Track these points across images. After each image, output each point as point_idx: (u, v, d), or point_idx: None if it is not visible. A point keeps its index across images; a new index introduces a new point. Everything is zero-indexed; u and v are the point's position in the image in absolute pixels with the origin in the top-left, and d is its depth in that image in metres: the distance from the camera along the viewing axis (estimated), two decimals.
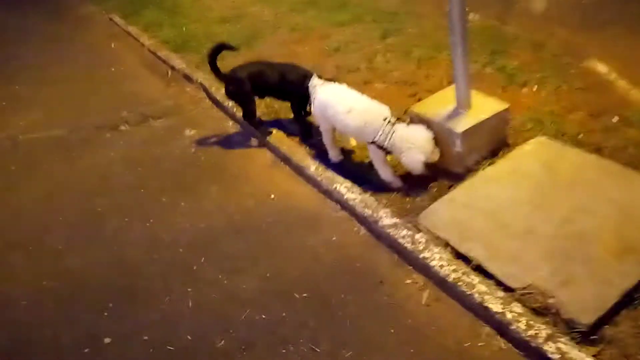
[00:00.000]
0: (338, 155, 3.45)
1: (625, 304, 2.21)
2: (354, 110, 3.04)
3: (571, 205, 2.66)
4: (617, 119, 3.30)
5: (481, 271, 2.47)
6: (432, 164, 3.07)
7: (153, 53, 5.90)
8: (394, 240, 2.72)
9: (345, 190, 3.12)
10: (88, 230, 3.34)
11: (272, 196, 3.38)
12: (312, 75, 3.59)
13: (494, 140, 3.13)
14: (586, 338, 2.12)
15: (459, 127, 2.95)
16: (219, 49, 3.79)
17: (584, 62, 4.03)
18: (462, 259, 2.55)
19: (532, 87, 3.83)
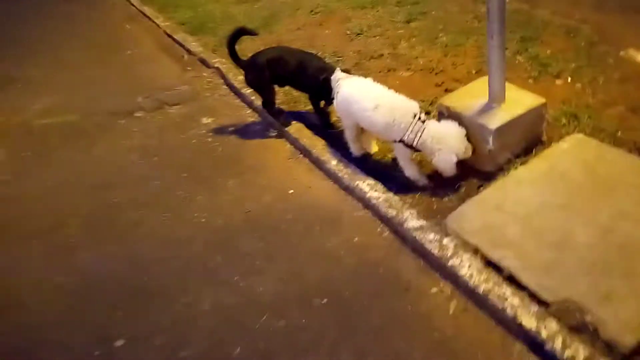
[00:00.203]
0: (360, 149, 3.29)
1: None
2: (381, 106, 2.86)
3: (612, 211, 2.48)
4: None
5: (513, 281, 2.32)
6: (461, 161, 2.90)
7: (169, 35, 5.76)
8: (420, 245, 2.58)
9: (367, 188, 2.98)
10: (102, 223, 3.24)
11: (291, 191, 3.24)
12: (331, 68, 3.42)
13: (527, 137, 2.95)
14: None
15: (492, 123, 2.77)
16: (238, 34, 3.62)
17: (621, 51, 3.80)
18: (493, 266, 2.40)
19: (566, 78, 3.61)
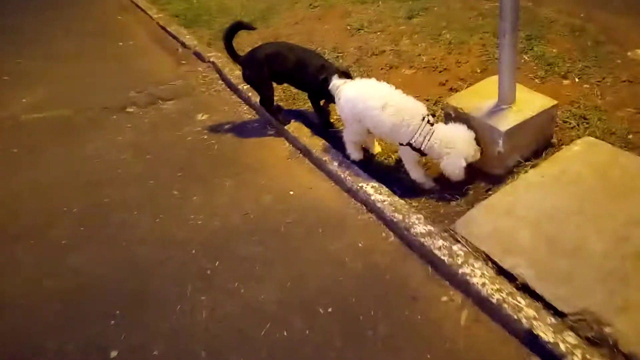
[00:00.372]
0: (360, 154, 3.14)
1: None
2: (389, 105, 2.74)
3: (626, 218, 2.40)
4: None
5: (526, 290, 2.23)
6: (469, 164, 2.80)
7: (162, 28, 5.59)
8: (429, 251, 2.48)
9: (371, 190, 2.87)
10: (94, 224, 3.11)
11: (291, 192, 3.13)
12: (330, 67, 3.31)
13: (538, 139, 2.86)
14: None
15: (502, 125, 2.67)
16: (236, 29, 3.49)
17: (629, 52, 3.72)
18: (505, 274, 2.31)
19: (574, 79, 3.52)
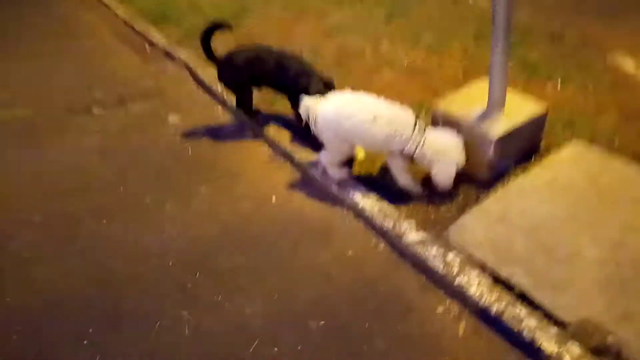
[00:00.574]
0: (344, 173, 2.94)
1: None
2: (379, 117, 2.60)
3: (620, 224, 2.38)
4: None
5: (525, 299, 2.16)
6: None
7: (128, 25, 5.33)
8: (422, 260, 2.38)
9: (359, 196, 2.76)
10: (60, 235, 2.87)
11: (273, 199, 2.98)
12: (311, 72, 3.14)
13: (527, 144, 2.82)
14: None
15: (493, 132, 2.61)
16: (213, 29, 3.32)
17: (608, 57, 3.76)
18: (502, 283, 2.24)
19: (556, 84, 3.52)
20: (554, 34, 4.05)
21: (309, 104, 2.79)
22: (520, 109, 2.74)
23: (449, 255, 2.35)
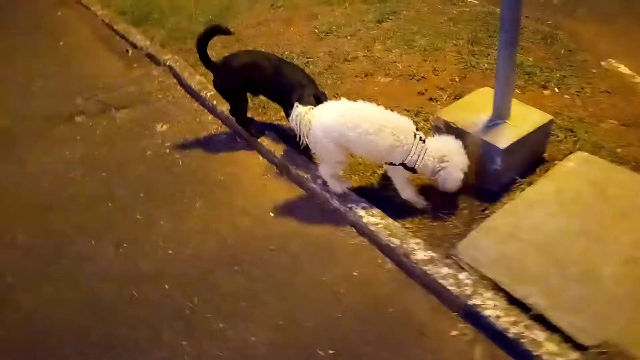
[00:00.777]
0: (344, 185, 2.82)
1: None
2: (384, 127, 2.49)
3: (632, 238, 2.32)
4: None
5: (541, 321, 2.09)
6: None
7: (108, 26, 5.12)
8: (432, 280, 2.29)
9: (362, 211, 2.65)
10: (44, 256, 2.71)
11: (271, 214, 2.86)
12: (307, 87, 2.96)
13: (531, 155, 2.75)
14: None
15: (501, 142, 2.53)
16: (211, 33, 3.14)
17: (602, 62, 3.72)
18: (517, 304, 2.17)
19: (553, 89, 3.47)
20: (546, 36, 3.99)
21: (302, 113, 2.63)
22: (525, 118, 2.67)
23: (460, 275, 2.27)
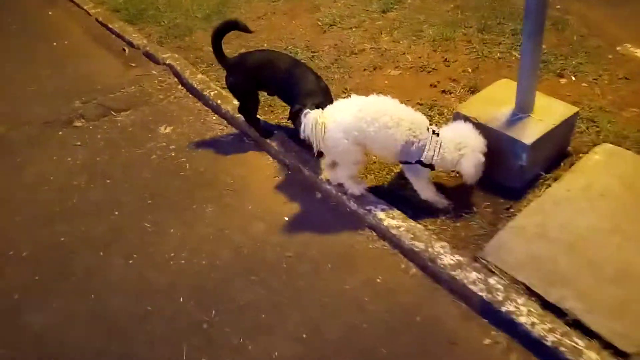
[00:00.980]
0: (362, 185, 2.70)
1: None
2: (403, 120, 2.39)
3: None
4: None
5: (578, 327, 2.00)
6: (484, 178, 2.56)
7: (103, 24, 4.95)
8: (461, 286, 2.20)
9: (382, 214, 2.55)
10: (51, 271, 2.59)
11: (286, 218, 2.75)
12: (315, 96, 2.75)
13: (556, 149, 2.65)
14: None
15: (526, 138, 2.42)
16: (228, 28, 3.00)
17: (618, 47, 3.60)
18: (551, 309, 2.07)
19: (570, 77, 3.36)
20: (557, 22, 3.87)
21: (314, 118, 2.46)
22: (549, 111, 2.56)
23: (491, 280, 2.17)
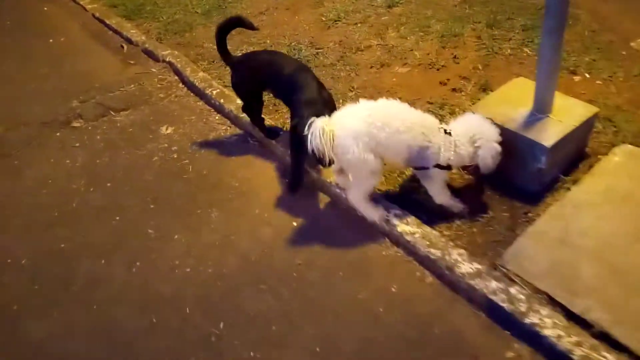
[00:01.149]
0: (381, 210, 2.50)
1: None
2: (415, 125, 2.28)
3: None
4: None
5: (605, 339, 1.92)
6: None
7: (100, 20, 4.83)
8: (481, 296, 2.10)
9: (395, 219, 2.45)
10: (51, 279, 2.50)
11: (294, 223, 2.66)
12: (314, 105, 2.57)
13: (575, 150, 2.55)
14: None
15: (546, 140, 2.32)
16: (232, 25, 2.89)
17: (632, 42, 3.50)
18: (575, 320, 1.99)
19: (584, 74, 3.26)
20: (568, 17, 3.75)
21: (320, 128, 2.28)
22: (568, 111, 2.46)
23: (512, 289, 2.08)
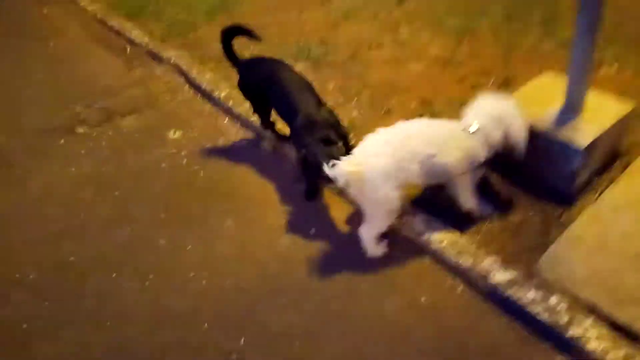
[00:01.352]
0: (384, 246, 2.34)
1: None
2: (444, 142, 2.15)
3: None
4: None
5: None
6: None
7: (101, 22, 4.70)
8: (518, 307, 1.98)
9: (422, 226, 2.33)
10: (61, 295, 2.37)
11: (312, 231, 2.53)
12: (320, 127, 2.45)
13: (610, 149, 2.43)
14: None
15: (580, 140, 2.20)
16: (235, 32, 2.82)
17: None
18: (620, 331, 1.87)
19: (610, 66, 3.13)
20: None
21: (345, 171, 2.11)
22: (601, 108, 2.34)
23: (551, 299, 1.96)
